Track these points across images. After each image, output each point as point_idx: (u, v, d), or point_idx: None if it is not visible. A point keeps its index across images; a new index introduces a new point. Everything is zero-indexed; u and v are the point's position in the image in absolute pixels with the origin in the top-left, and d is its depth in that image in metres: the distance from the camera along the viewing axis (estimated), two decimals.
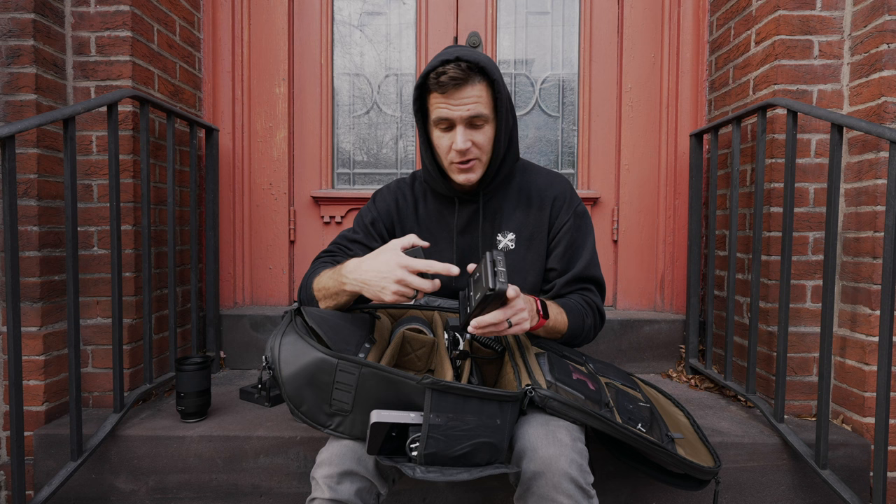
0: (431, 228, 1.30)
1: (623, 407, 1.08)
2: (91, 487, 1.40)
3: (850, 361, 1.49)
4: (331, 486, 0.93)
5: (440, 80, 1.10)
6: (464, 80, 1.10)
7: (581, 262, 1.24)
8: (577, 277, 1.24)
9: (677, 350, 1.95)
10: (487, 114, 1.15)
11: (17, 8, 1.44)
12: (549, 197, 1.28)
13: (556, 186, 1.30)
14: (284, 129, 2.08)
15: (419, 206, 1.32)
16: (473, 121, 1.14)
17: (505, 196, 1.29)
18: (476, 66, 1.10)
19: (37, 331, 1.47)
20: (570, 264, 1.25)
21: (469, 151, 1.16)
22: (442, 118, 1.15)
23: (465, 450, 0.89)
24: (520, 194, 1.30)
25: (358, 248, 1.28)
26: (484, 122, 1.15)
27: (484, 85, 1.13)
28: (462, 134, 1.14)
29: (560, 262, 1.25)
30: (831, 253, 1.27)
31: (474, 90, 1.12)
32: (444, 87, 1.11)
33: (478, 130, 1.16)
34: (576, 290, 1.25)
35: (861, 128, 1.21)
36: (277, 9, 2.06)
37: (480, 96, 1.13)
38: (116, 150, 1.39)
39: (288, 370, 0.95)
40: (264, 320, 1.95)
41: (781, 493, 1.39)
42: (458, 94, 1.12)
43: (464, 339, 1.10)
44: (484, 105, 1.14)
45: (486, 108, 1.14)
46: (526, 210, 1.28)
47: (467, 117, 1.13)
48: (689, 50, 2.04)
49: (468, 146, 1.15)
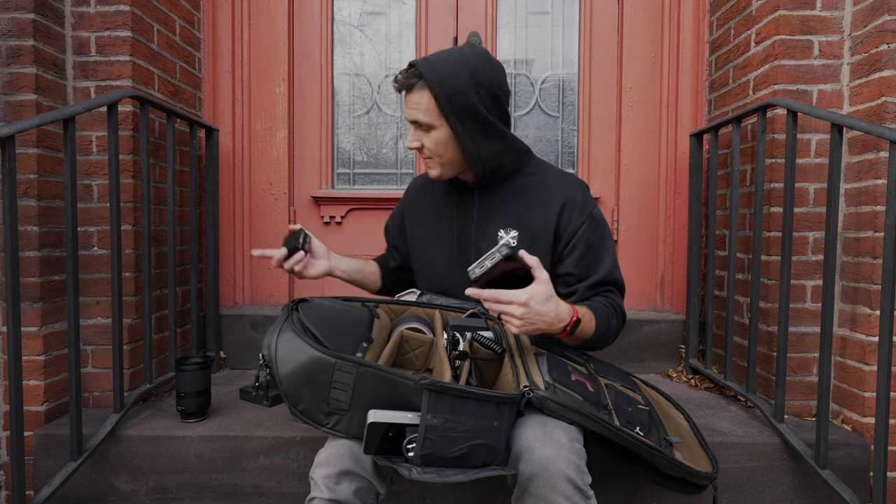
0: (435, 217, 1.36)
1: (622, 409, 1.08)
2: (91, 487, 1.40)
3: (850, 361, 1.49)
4: (329, 486, 0.93)
5: (394, 82, 1.21)
6: (407, 87, 1.18)
7: (604, 266, 1.22)
8: (600, 282, 1.22)
9: (677, 350, 1.95)
10: (428, 121, 1.17)
11: (17, 8, 1.44)
12: (557, 198, 1.24)
13: (567, 188, 1.26)
14: (284, 129, 2.08)
15: (427, 195, 1.40)
16: (419, 125, 1.20)
17: (507, 192, 1.28)
18: (417, 72, 1.15)
19: (37, 331, 1.47)
20: (590, 269, 1.22)
21: (423, 151, 1.23)
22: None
23: (462, 451, 0.89)
24: (524, 191, 1.27)
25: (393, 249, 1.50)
26: (429, 128, 1.19)
27: (425, 92, 1.15)
28: (411, 134, 1.23)
29: (578, 266, 1.22)
30: (831, 253, 1.27)
31: (415, 97, 1.17)
32: (399, 90, 1.21)
33: (425, 134, 1.21)
34: (599, 293, 1.23)
35: (861, 128, 1.21)
36: (277, 9, 2.06)
37: (420, 103, 1.17)
38: (116, 150, 1.39)
39: (285, 369, 0.95)
40: (264, 320, 1.95)
41: (781, 493, 1.39)
42: (408, 98, 1.20)
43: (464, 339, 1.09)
44: (424, 112, 1.17)
45: (426, 115, 1.17)
46: (529, 207, 1.26)
47: (411, 121, 1.21)
48: (689, 50, 2.03)
49: (416, 146, 1.22)
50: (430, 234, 1.35)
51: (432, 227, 1.35)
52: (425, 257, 1.37)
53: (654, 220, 2.09)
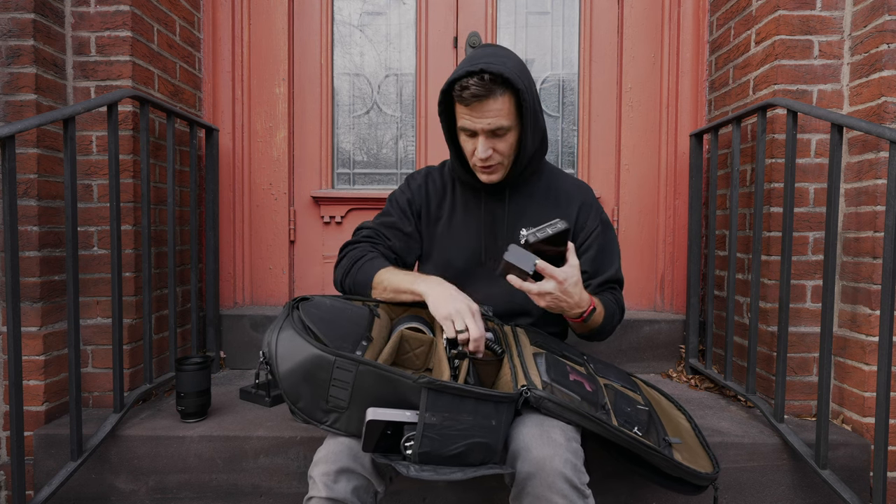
0: (460, 217, 1.34)
1: (620, 409, 1.08)
2: (91, 487, 1.40)
3: (850, 361, 1.49)
4: (327, 485, 0.93)
5: (463, 94, 1.14)
6: (485, 95, 1.13)
7: (612, 266, 1.34)
8: (609, 280, 1.33)
9: (677, 350, 1.95)
10: (509, 124, 1.18)
11: (17, 8, 1.44)
12: (575, 201, 1.34)
13: (582, 193, 1.36)
14: (284, 129, 2.08)
15: (447, 194, 1.37)
16: (495, 132, 1.18)
17: (532, 194, 1.33)
18: (500, 77, 1.11)
19: (37, 331, 1.47)
20: (601, 268, 1.33)
21: (490, 158, 1.20)
22: (465, 128, 1.20)
23: (460, 449, 0.89)
24: (547, 194, 1.35)
25: (393, 233, 1.33)
26: (506, 131, 1.19)
27: (507, 96, 1.15)
28: (483, 144, 1.18)
29: (591, 265, 1.32)
30: (831, 253, 1.27)
31: (496, 104, 1.14)
32: (467, 101, 1.14)
33: (500, 139, 1.20)
34: (607, 289, 1.33)
35: (861, 128, 1.21)
36: (277, 9, 2.06)
37: (501, 109, 1.15)
38: (116, 150, 1.39)
39: (285, 366, 0.95)
40: (264, 320, 1.95)
41: (781, 493, 1.39)
42: (480, 108, 1.15)
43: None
44: (505, 117, 1.16)
45: (507, 119, 1.17)
46: (553, 210, 1.32)
47: (489, 130, 1.17)
48: (689, 50, 2.03)
49: (489, 154, 1.19)
50: (455, 233, 1.33)
51: (459, 226, 1.33)
52: (444, 255, 1.34)
53: (654, 220, 2.09)
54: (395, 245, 1.33)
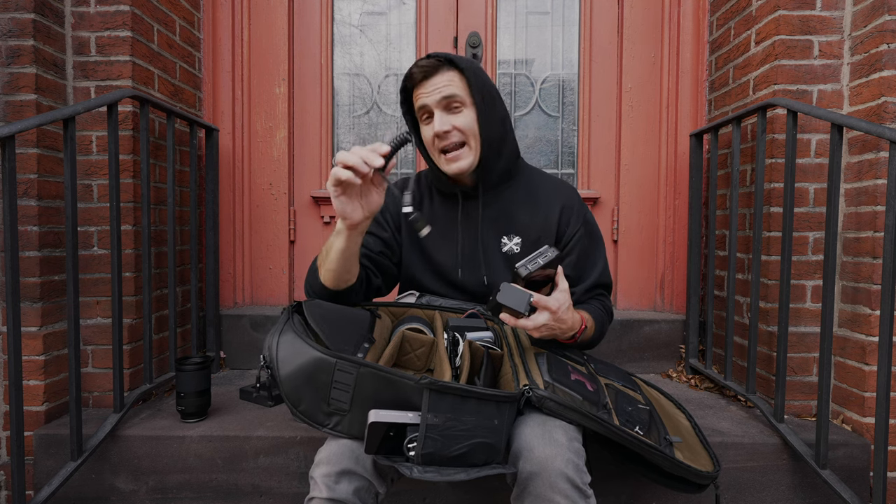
0: (438, 224, 1.33)
1: (622, 409, 1.08)
2: (91, 487, 1.40)
3: (850, 361, 1.49)
4: (329, 486, 0.93)
5: (412, 72, 1.19)
6: (434, 68, 1.18)
7: (597, 270, 1.31)
8: (594, 285, 1.30)
9: (677, 350, 1.95)
10: (462, 95, 1.19)
11: (17, 8, 1.44)
12: (556, 202, 1.31)
13: (563, 193, 1.33)
14: (284, 129, 2.08)
15: (425, 203, 1.35)
16: (449, 103, 1.19)
17: (510, 197, 1.31)
18: (445, 58, 1.18)
19: (37, 331, 1.47)
20: (585, 272, 1.30)
21: (450, 134, 1.20)
22: (420, 107, 1.21)
23: (463, 450, 0.89)
24: (526, 196, 1.32)
25: (368, 239, 1.27)
26: (461, 104, 1.20)
27: (456, 73, 1.19)
28: (440, 117, 1.19)
29: (574, 269, 1.28)
30: (831, 253, 1.27)
31: (445, 76, 1.18)
32: (416, 78, 1.19)
33: (456, 114, 1.20)
34: (594, 296, 1.31)
35: (861, 128, 1.21)
36: (277, 9, 2.06)
37: (452, 80, 1.18)
38: (116, 150, 1.39)
39: (286, 369, 0.95)
40: (264, 320, 1.95)
41: (781, 493, 1.39)
42: (430, 82, 1.19)
43: (464, 339, 1.09)
44: (457, 87, 1.18)
45: (459, 90, 1.19)
46: (532, 212, 1.30)
47: (440, 99, 1.18)
48: (689, 50, 2.03)
49: (447, 128, 1.19)
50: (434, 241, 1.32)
51: (437, 234, 1.32)
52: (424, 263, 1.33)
53: (654, 220, 2.09)
54: (370, 244, 1.27)
